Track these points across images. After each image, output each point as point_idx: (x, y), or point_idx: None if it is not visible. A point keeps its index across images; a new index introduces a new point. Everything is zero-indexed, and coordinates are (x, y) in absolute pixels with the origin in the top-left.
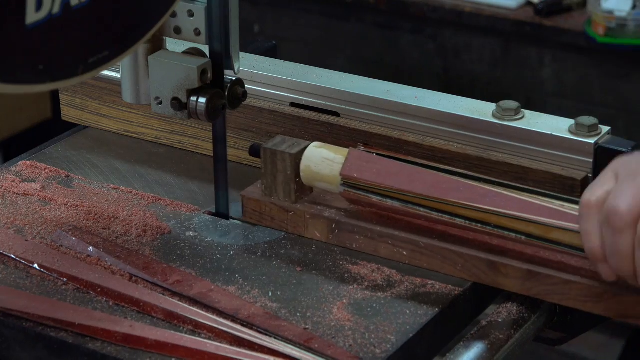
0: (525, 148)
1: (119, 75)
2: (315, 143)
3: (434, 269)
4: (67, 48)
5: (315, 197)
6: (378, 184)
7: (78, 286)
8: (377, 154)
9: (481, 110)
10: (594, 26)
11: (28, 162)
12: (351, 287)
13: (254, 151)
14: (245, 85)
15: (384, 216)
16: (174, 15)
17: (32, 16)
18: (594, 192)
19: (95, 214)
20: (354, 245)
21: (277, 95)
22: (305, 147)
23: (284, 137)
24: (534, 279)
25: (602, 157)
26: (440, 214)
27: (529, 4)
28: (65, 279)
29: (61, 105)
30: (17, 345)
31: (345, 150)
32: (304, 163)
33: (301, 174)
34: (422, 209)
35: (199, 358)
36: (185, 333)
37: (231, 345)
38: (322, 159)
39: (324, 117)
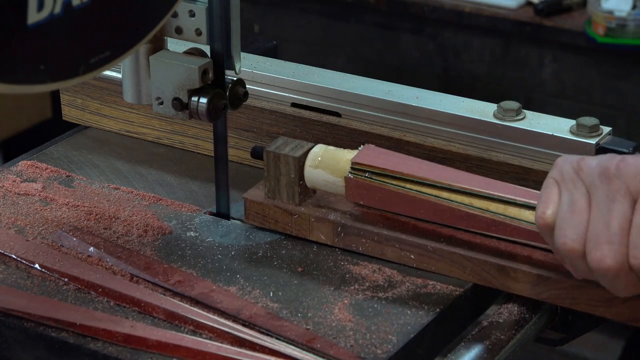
0: (527, 148)
1: (120, 76)
2: (310, 159)
3: (443, 273)
4: (68, 48)
5: (319, 199)
6: (383, 209)
7: (79, 286)
8: (370, 172)
9: (482, 110)
10: (594, 26)
11: (29, 162)
12: (352, 287)
13: (256, 153)
14: (246, 86)
15: (390, 219)
16: (175, 15)
17: (33, 16)
18: (545, 213)
19: (96, 214)
20: (360, 249)
21: (278, 96)
22: (309, 149)
23: (286, 139)
24: (544, 283)
25: None
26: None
27: (529, 4)
28: (66, 279)
29: (62, 105)
30: (18, 345)
31: (343, 167)
32: (310, 184)
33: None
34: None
35: (200, 358)
36: (187, 333)
37: (232, 345)
38: (324, 182)
39: (325, 118)
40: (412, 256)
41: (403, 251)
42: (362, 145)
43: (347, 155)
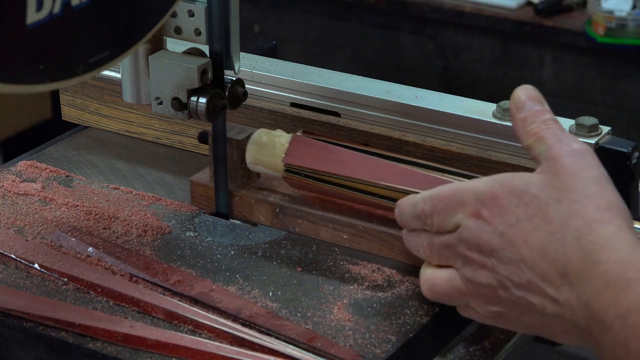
0: None
1: (119, 75)
2: (249, 155)
3: (373, 252)
4: (67, 48)
5: (262, 183)
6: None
7: (78, 286)
8: (304, 172)
9: (481, 110)
10: (594, 26)
11: (28, 162)
12: (351, 287)
13: (203, 138)
14: (246, 85)
15: (327, 201)
16: (174, 15)
17: (32, 16)
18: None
19: (96, 214)
20: (297, 229)
21: (277, 95)
22: (251, 134)
23: (232, 124)
24: None
25: (602, 158)
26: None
27: (529, 4)
28: (65, 279)
29: (61, 105)
30: (17, 345)
31: (279, 164)
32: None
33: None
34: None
35: (199, 358)
36: (186, 333)
37: (232, 345)
38: (266, 173)
39: (324, 117)
40: (344, 236)
41: (336, 231)
42: (291, 134)
43: (280, 152)
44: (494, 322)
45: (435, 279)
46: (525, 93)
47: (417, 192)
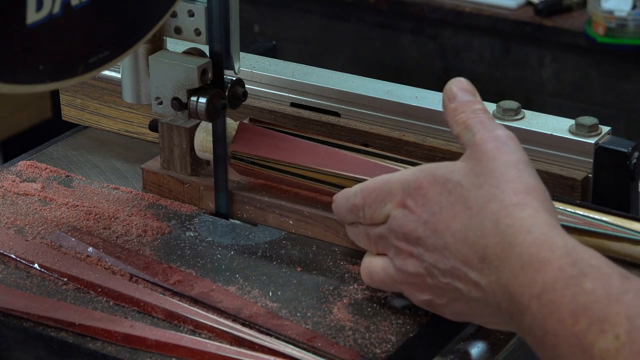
0: (526, 148)
1: (119, 75)
2: (197, 144)
3: (318, 237)
4: (67, 48)
5: (211, 170)
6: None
7: (78, 286)
8: (250, 159)
9: None
10: (594, 26)
11: (28, 162)
12: (351, 287)
13: (154, 126)
14: (246, 85)
15: (274, 187)
16: (174, 15)
17: (32, 16)
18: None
19: (96, 214)
20: (245, 215)
21: (277, 95)
22: (200, 122)
23: None
24: None
25: (602, 157)
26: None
27: (529, 4)
28: (65, 279)
29: (61, 105)
30: (17, 345)
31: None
32: (203, 159)
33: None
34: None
35: (199, 358)
36: (186, 333)
37: (232, 345)
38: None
39: (325, 117)
40: (290, 222)
41: (283, 217)
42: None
43: (227, 140)
44: (429, 309)
45: (372, 266)
46: (457, 85)
47: (359, 179)
